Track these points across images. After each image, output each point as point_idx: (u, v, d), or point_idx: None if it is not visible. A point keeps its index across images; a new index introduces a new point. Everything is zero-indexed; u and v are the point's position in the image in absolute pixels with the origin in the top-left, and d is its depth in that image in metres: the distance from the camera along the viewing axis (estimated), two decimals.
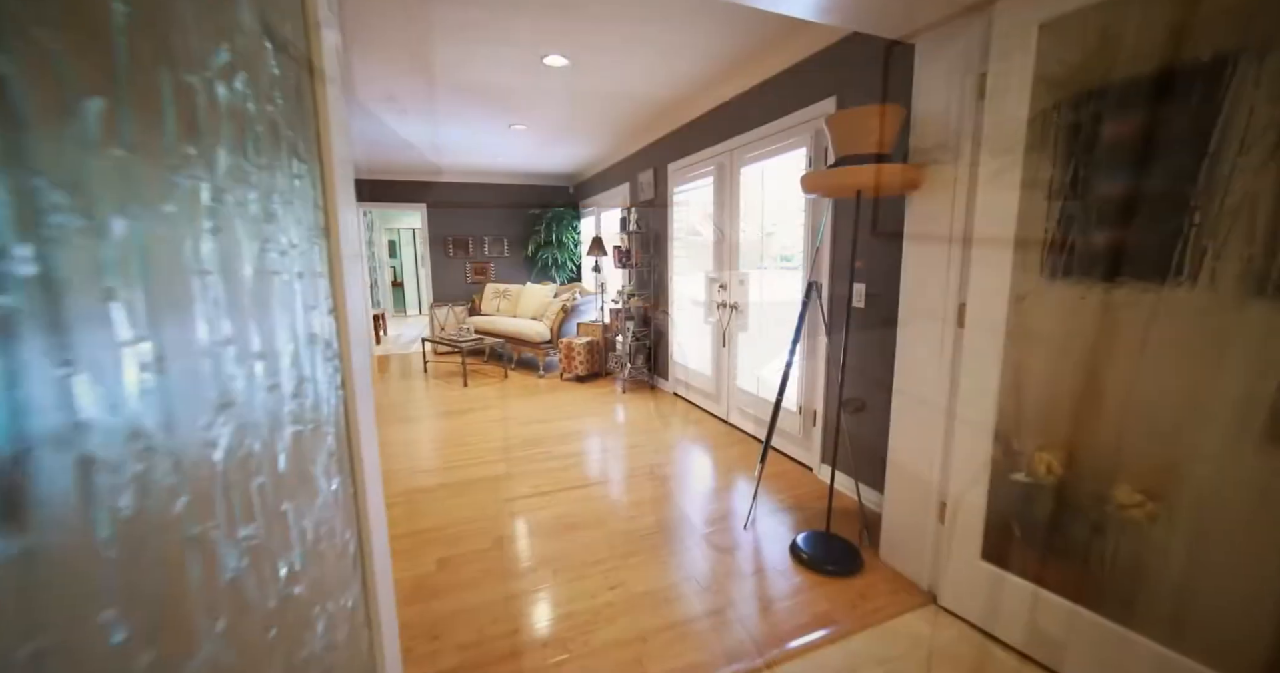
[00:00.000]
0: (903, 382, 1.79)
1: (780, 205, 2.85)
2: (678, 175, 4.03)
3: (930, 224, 1.65)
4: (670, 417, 3.80)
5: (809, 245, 2.63)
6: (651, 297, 4.63)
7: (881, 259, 2.23)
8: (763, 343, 3.06)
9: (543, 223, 6.48)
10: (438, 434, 3.49)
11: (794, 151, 2.70)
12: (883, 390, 2.21)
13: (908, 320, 1.76)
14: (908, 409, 1.78)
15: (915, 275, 1.72)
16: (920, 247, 1.69)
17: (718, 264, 3.53)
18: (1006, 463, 1.41)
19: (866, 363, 2.35)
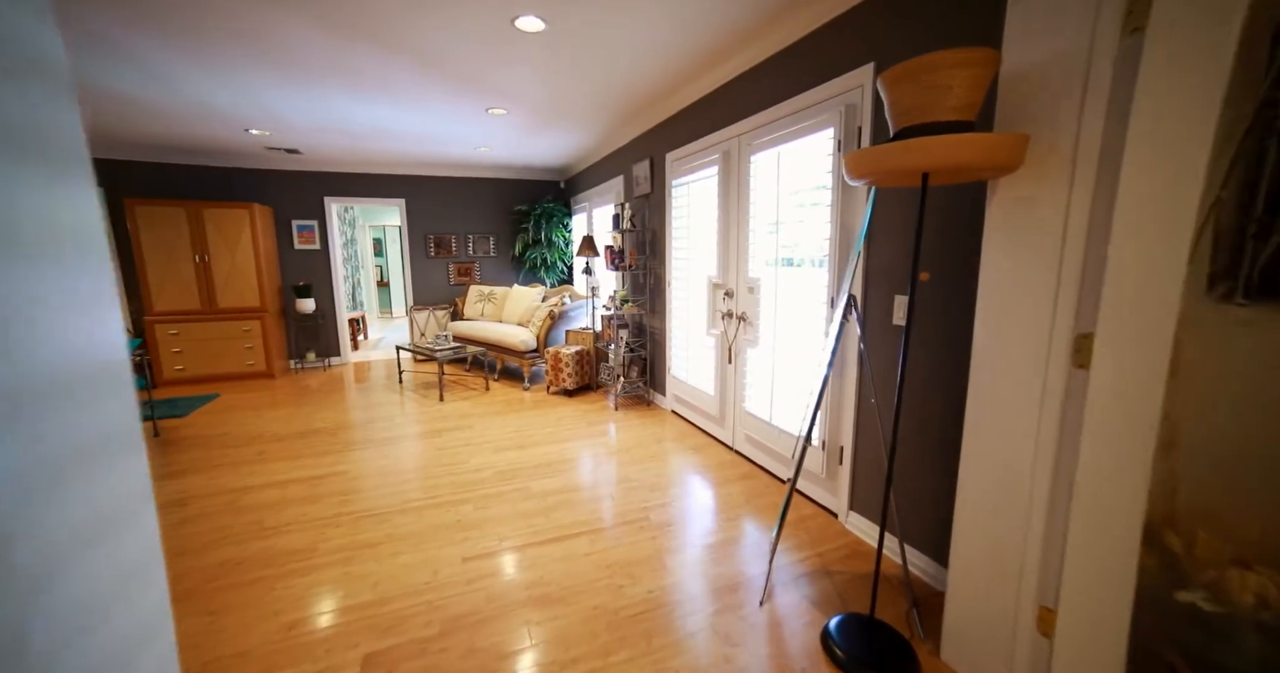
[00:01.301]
0: (979, 437, 1.33)
1: (799, 199, 2.38)
2: (677, 166, 3.56)
3: (1029, 220, 1.18)
4: (667, 441, 3.34)
5: (835, 246, 2.16)
6: (647, 303, 4.17)
7: (936, 266, 1.76)
8: (777, 362, 2.60)
9: (531, 220, 6.01)
10: (399, 462, 3.03)
11: (817, 134, 2.24)
12: (933, 429, 1.74)
13: (987, 354, 1.30)
14: (985, 471, 1.32)
15: (1001, 292, 1.26)
16: (1011, 252, 1.23)
17: (723, 268, 3.06)
18: (1167, 574, 0.95)
19: (909, 395, 1.89)
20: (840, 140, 2.07)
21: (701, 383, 3.42)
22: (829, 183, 2.17)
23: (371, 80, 3.11)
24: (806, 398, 2.38)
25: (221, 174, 5.30)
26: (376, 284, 10.16)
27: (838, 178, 2.11)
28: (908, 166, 1.17)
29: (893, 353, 1.97)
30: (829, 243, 2.20)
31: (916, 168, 1.17)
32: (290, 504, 2.53)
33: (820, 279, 2.28)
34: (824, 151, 2.19)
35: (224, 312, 5.06)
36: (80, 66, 2.90)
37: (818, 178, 2.25)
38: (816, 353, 2.31)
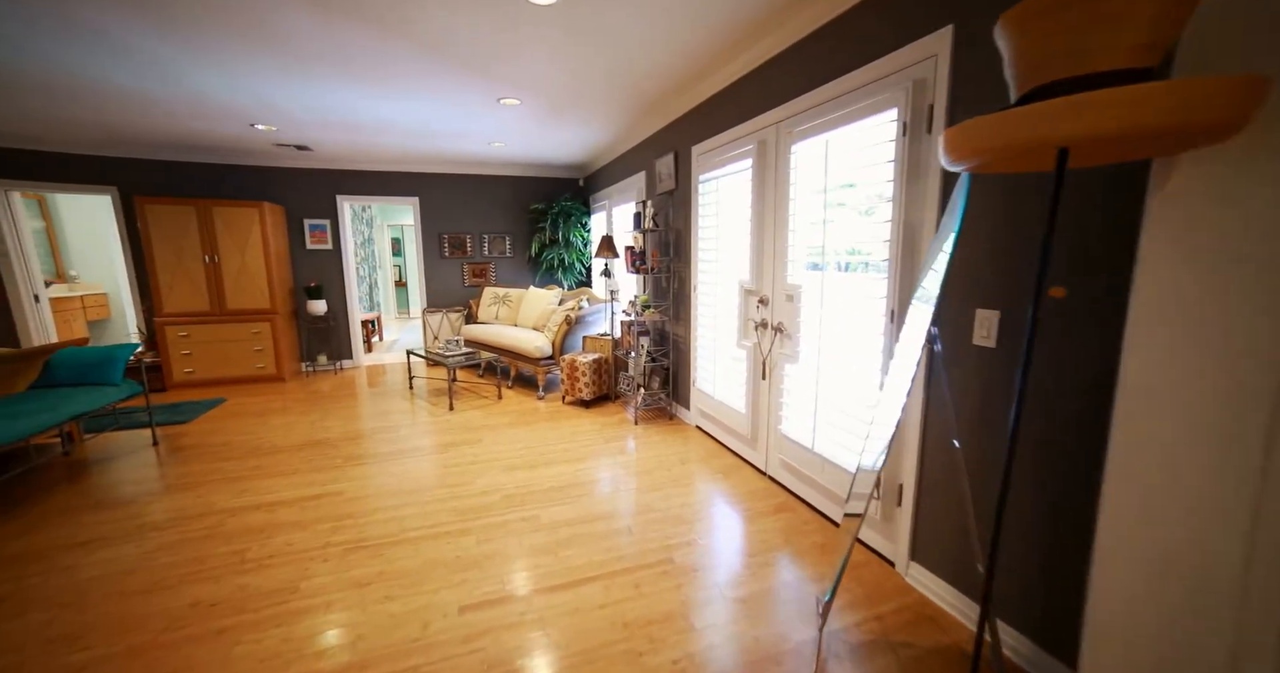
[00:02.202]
0: (1129, 507, 0.99)
1: (852, 194, 2.05)
2: (704, 160, 3.24)
3: (1233, 216, 0.84)
4: (692, 463, 3.03)
5: (896, 249, 1.82)
6: (670, 309, 3.86)
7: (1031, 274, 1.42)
8: (821, 381, 2.26)
9: (548, 220, 5.76)
10: (400, 482, 2.78)
11: (874, 117, 1.90)
12: (1041, 480, 1.40)
13: (1146, 397, 0.96)
14: (1142, 559, 0.98)
15: (1176, 315, 0.92)
16: (1196, 261, 0.89)
17: (756, 272, 2.74)
18: None
19: (992, 435, 1.55)
20: (906, 122, 1.74)
21: (730, 399, 3.09)
22: (890, 174, 1.83)
23: (373, 69, 2.87)
24: (858, 425, 2.04)
25: (232, 172, 5.17)
26: (394, 284, 10.07)
27: (903, 167, 1.78)
28: (1048, 138, 0.84)
29: (971, 380, 1.63)
30: (888, 245, 1.86)
31: (1062, 139, 0.84)
32: (278, 531, 2.30)
33: (876, 287, 1.95)
34: (884, 137, 1.86)
35: (233, 313, 4.93)
36: (81, 61, 2.73)
37: (875, 168, 1.91)
38: (870, 373, 1.97)
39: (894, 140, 1.80)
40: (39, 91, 3.24)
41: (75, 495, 2.70)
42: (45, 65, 2.81)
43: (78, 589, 1.90)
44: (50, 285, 5.76)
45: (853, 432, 2.07)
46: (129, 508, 2.55)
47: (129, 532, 2.32)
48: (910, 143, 1.73)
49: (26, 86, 3.14)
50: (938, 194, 1.66)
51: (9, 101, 3.42)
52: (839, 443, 2.18)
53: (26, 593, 1.89)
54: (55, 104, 3.50)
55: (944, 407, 1.71)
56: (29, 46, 2.57)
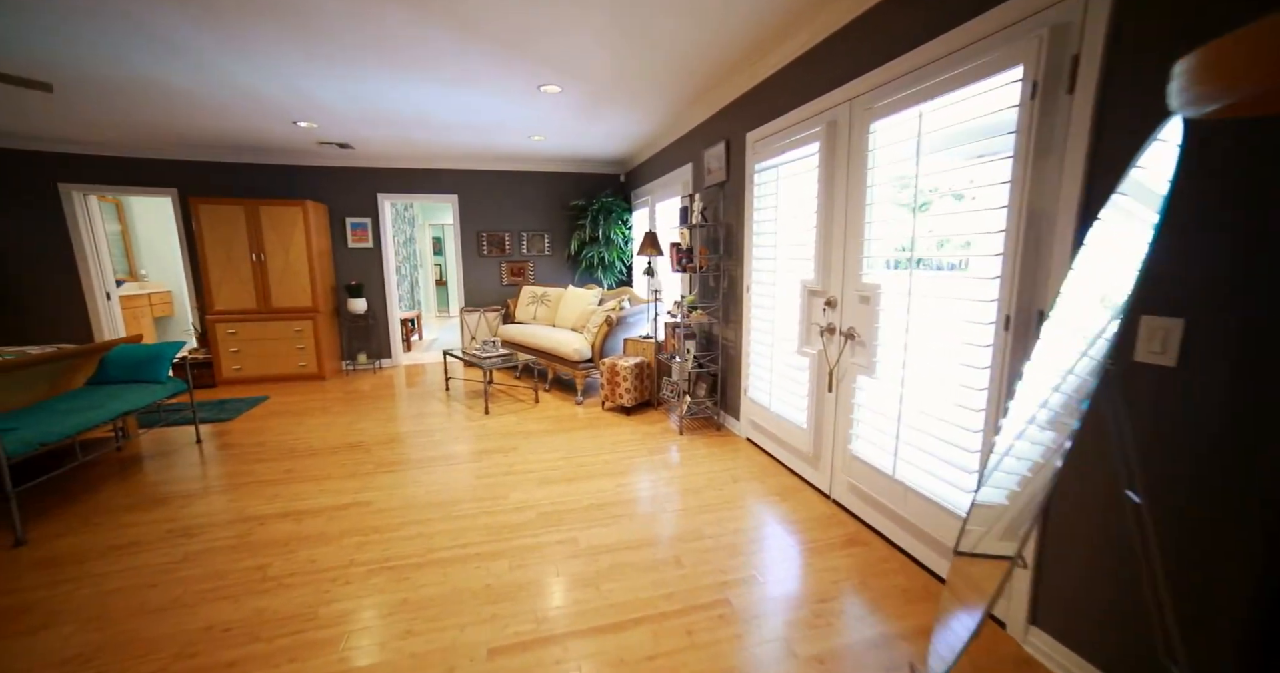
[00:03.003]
0: None
1: (949, 176, 1.71)
2: (761, 148, 2.94)
3: None
4: (744, 481, 2.74)
5: (1016, 241, 1.48)
6: (720, 310, 3.57)
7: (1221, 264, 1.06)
8: (906, 397, 1.93)
9: (588, 216, 5.56)
10: (430, 493, 2.62)
11: (987, 80, 1.56)
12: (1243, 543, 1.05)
13: None
14: None
15: None
16: None
17: (822, 271, 2.42)
18: None
19: (1154, 481, 1.19)
20: (1037, 82, 1.39)
21: (788, 411, 2.78)
22: (1008, 147, 1.49)
23: (411, 55, 2.73)
24: (955, 452, 1.70)
25: (279, 172, 5.23)
26: (435, 283, 10.18)
27: (1027, 139, 1.43)
28: None
29: (1136, 405, 1.27)
30: (1003, 237, 1.52)
31: None
32: (302, 545, 2.17)
33: (981, 289, 1.61)
34: (1000, 103, 1.52)
35: (277, 311, 4.97)
36: (137, 61, 2.71)
37: (985, 144, 1.57)
38: (974, 391, 1.63)
39: (1016, 107, 1.45)
40: (104, 95, 3.28)
41: (119, 494, 2.68)
42: (110, 68, 2.81)
43: (101, 603, 1.81)
44: (122, 284, 6.04)
45: (949, 460, 1.73)
46: (164, 510, 2.49)
47: (161, 537, 2.25)
48: (1040, 108, 1.39)
49: (93, 92, 3.18)
50: (1081, 171, 1.31)
51: (80, 108, 3.49)
52: (927, 470, 1.84)
53: (56, 603, 1.81)
54: (118, 108, 3.55)
55: (1102, 441, 1.36)
56: (100, 50, 2.56)
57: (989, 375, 1.56)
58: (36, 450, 2.31)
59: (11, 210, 4.74)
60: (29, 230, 4.79)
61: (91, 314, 5.07)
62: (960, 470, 1.67)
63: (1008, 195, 1.48)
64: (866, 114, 2.05)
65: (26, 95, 3.37)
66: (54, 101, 3.47)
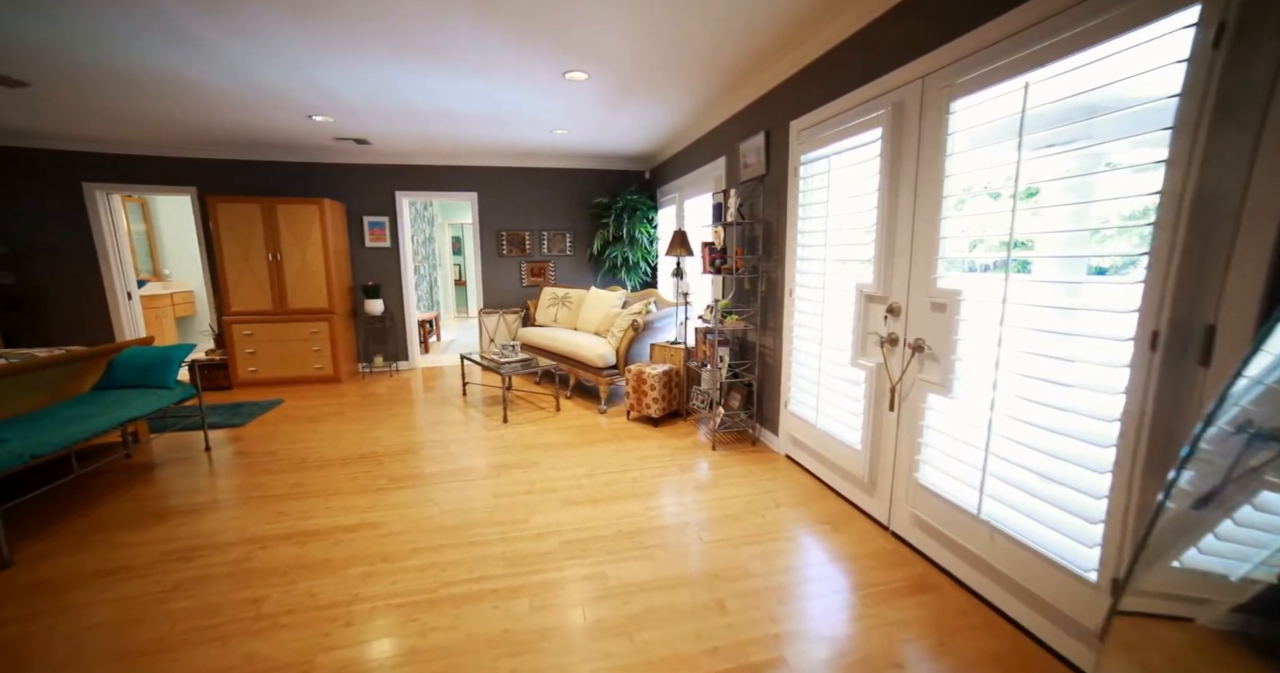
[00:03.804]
0: None
1: (1062, 158, 1.42)
2: (808, 137, 2.66)
3: None
4: (787, 506, 2.46)
5: (1177, 232, 1.18)
6: (757, 316, 3.29)
7: None
8: (995, 422, 1.64)
9: (611, 215, 5.33)
10: (444, 513, 2.41)
11: (1132, 33, 1.26)
12: None
13: None
14: None
15: None
16: None
17: (883, 273, 2.13)
18: None
19: None
20: (1225, 22, 1.08)
21: (838, 430, 2.50)
22: (1165, 116, 1.18)
23: (428, 40, 2.52)
24: (1077, 498, 1.41)
25: (296, 170, 5.11)
26: (454, 283, 10.07)
27: (1201, 103, 1.12)
28: None
29: None
30: (1152, 232, 1.21)
31: None
32: (304, 574, 1.97)
33: (1121, 296, 1.31)
34: (1160, 57, 1.20)
35: (293, 312, 4.85)
36: (150, 53, 2.56)
37: (1132, 113, 1.27)
38: (1101, 422, 1.34)
39: (1183, 61, 1.15)
40: (120, 88, 3.15)
41: (119, 507, 2.53)
42: (124, 58, 2.67)
43: (77, 644, 1.62)
44: (145, 284, 6.02)
45: (1061, 503, 1.44)
46: (163, 527, 2.33)
47: (154, 560, 2.07)
48: (1227, 59, 1.08)
49: (108, 82, 3.05)
50: None
51: (96, 101, 3.38)
52: (1027, 512, 1.54)
53: (28, 642, 1.63)
54: (135, 101, 3.43)
55: None
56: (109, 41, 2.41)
57: (1125, 405, 1.26)
58: (27, 463, 2.15)
59: (37, 209, 4.70)
60: (54, 229, 4.76)
61: (112, 314, 5.02)
62: (1079, 518, 1.37)
63: (1162, 178, 1.18)
64: (945, 92, 1.77)
65: (48, 94, 3.26)
66: (70, 99, 3.37)
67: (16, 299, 4.79)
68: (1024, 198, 1.52)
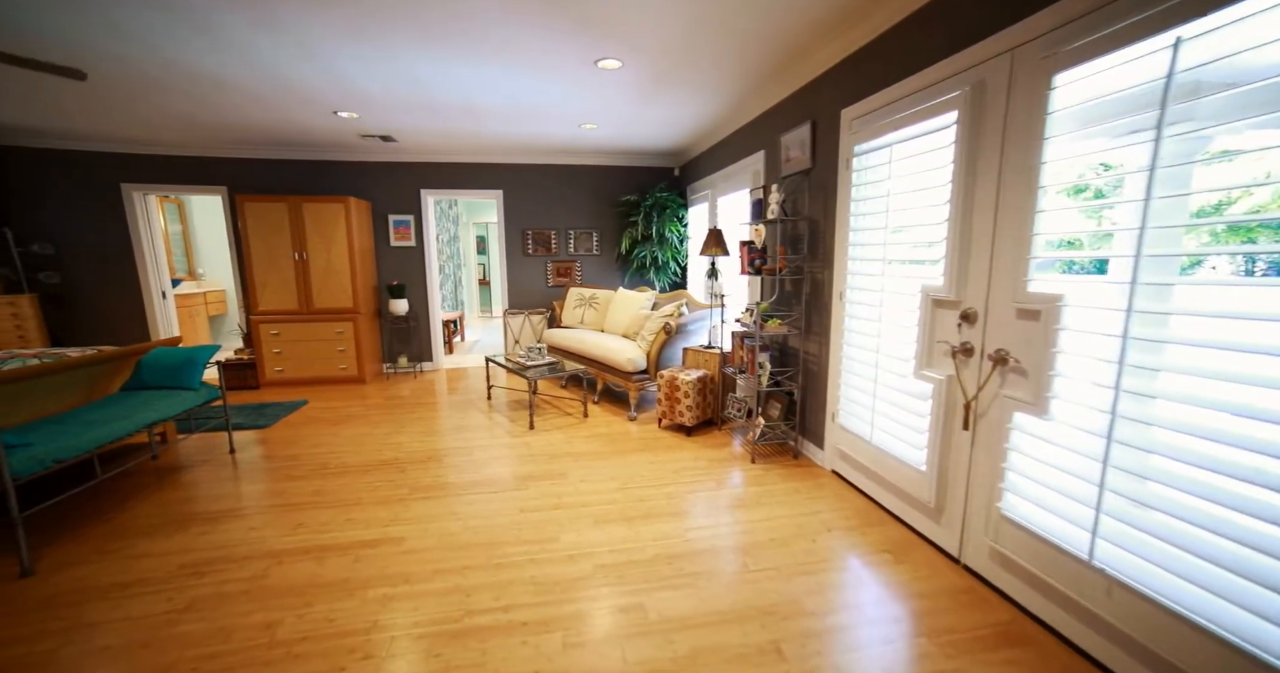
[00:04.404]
0: None
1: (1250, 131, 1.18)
2: (862, 126, 2.43)
3: None
4: (839, 530, 2.24)
5: None
6: (802, 320, 3.07)
7: None
8: (1115, 450, 1.40)
9: (640, 213, 5.15)
10: (468, 529, 2.26)
11: None
12: None
13: None
14: None
15: None
16: None
17: (956, 275, 1.90)
18: None
19: None
20: None
21: (897, 447, 2.26)
22: None
23: (454, 27, 2.37)
24: (1253, 558, 1.16)
25: (323, 168, 5.07)
26: (479, 282, 10.04)
27: None
28: None
29: None
30: None
31: None
32: (320, 596, 1.84)
33: None
34: None
35: (319, 312, 4.80)
36: (159, 42, 2.49)
37: None
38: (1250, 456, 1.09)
39: None
40: (154, 87, 3.11)
41: (142, 513, 2.46)
42: (155, 54, 2.60)
43: (82, 670, 1.52)
44: (180, 283, 6.10)
45: (1228, 562, 1.18)
46: (182, 537, 2.24)
47: (170, 574, 1.98)
48: None
49: (142, 81, 3.01)
50: None
51: (126, 102, 3.35)
52: (1173, 569, 1.29)
53: (33, 665, 1.54)
54: (169, 101, 3.40)
55: None
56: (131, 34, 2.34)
57: None
58: (49, 469, 2.08)
59: (79, 210, 4.77)
60: (94, 230, 4.82)
61: (147, 313, 5.06)
62: (1258, 584, 1.11)
63: None
64: (1046, 64, 1.53)
65: (83, 95, 3.25)
66: (98, 98, 3.35)
67: (62, 298, 4.87)
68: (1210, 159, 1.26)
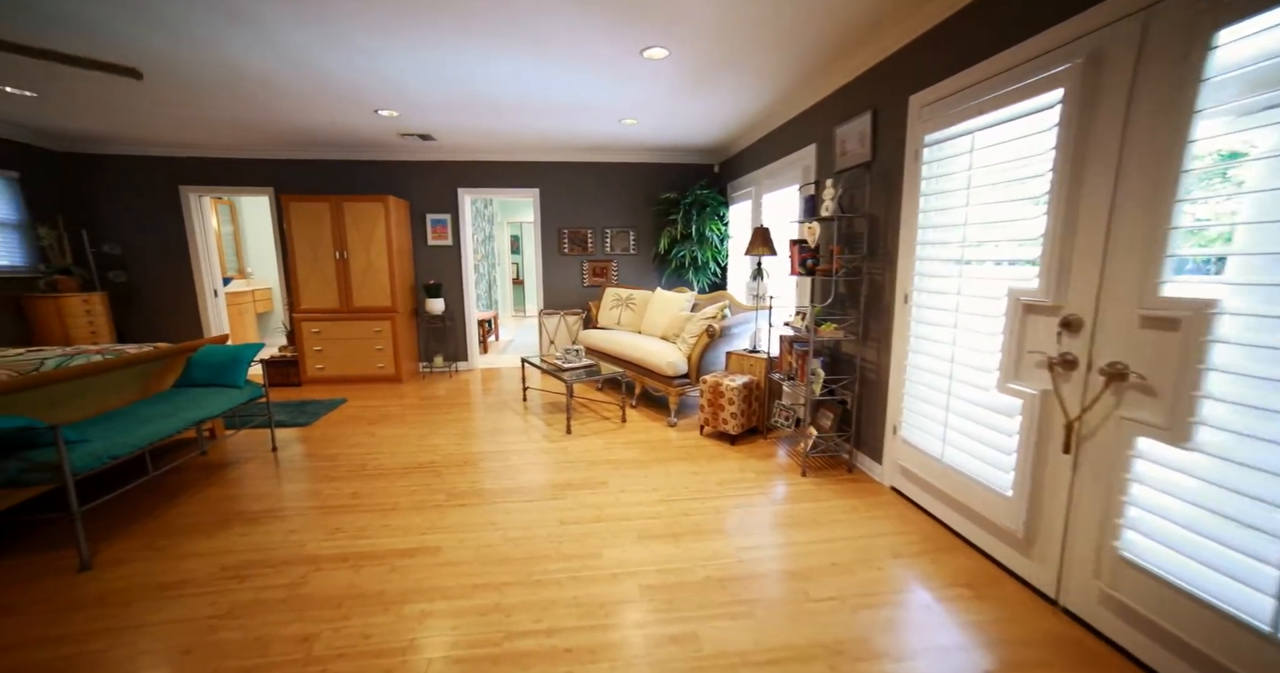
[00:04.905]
0: None
1: None
2: (934, 113, 2.21)
3: None
4: (911, 557, 2.03)
5: None
6: (859, 324, 2.85)
7: None
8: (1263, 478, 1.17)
9: (680, 211, 4.99)
10: (507, 541, 2.16)
11: None
12: None
13: None
14: None
15: None
16: None
17: (1054, 275, 1.67)
18: None
19: None
20: None
21: (975, 467, 2.04)
22: None
23: (496, 15, 2.28)
24: None
25: (362, 168, 5.12)
26: (512, 282, 10.08)
27: None
28: None
29: None
30: None
31: None
32: (357, 608, 1.76)
33: None
34: None
35: (358, 311, 4.84)
36: (209, 39, 2.49)
37: None
38: None
39: None
40: (205, 88, 3.15)
41: (189, 510, 2.48)
42: (200, 51, 2.62)
43: None
44: (230, 281, 6.30)
45: None
46: (224, 537, 2.22)
47: (212, 576, 1.95)
48: None
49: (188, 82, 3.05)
50: None
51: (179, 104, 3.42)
52: None
53: (81, 667, 1.51)
54: (220, 103, 3.45)
55: None
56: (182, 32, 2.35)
57: None
58: (105, 465, 2.10)
59: (141, 214, 4.97)
60: (154, 231, 5.01)
61: (200, 310, 5.23)
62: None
63: None
64: (1204, 18, 1.28)
65: (142, 99, 3.33)
66: (155, 101, 3.42)
67: (127, 296, 5.09)
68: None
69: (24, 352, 2.99)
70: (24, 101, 3.61)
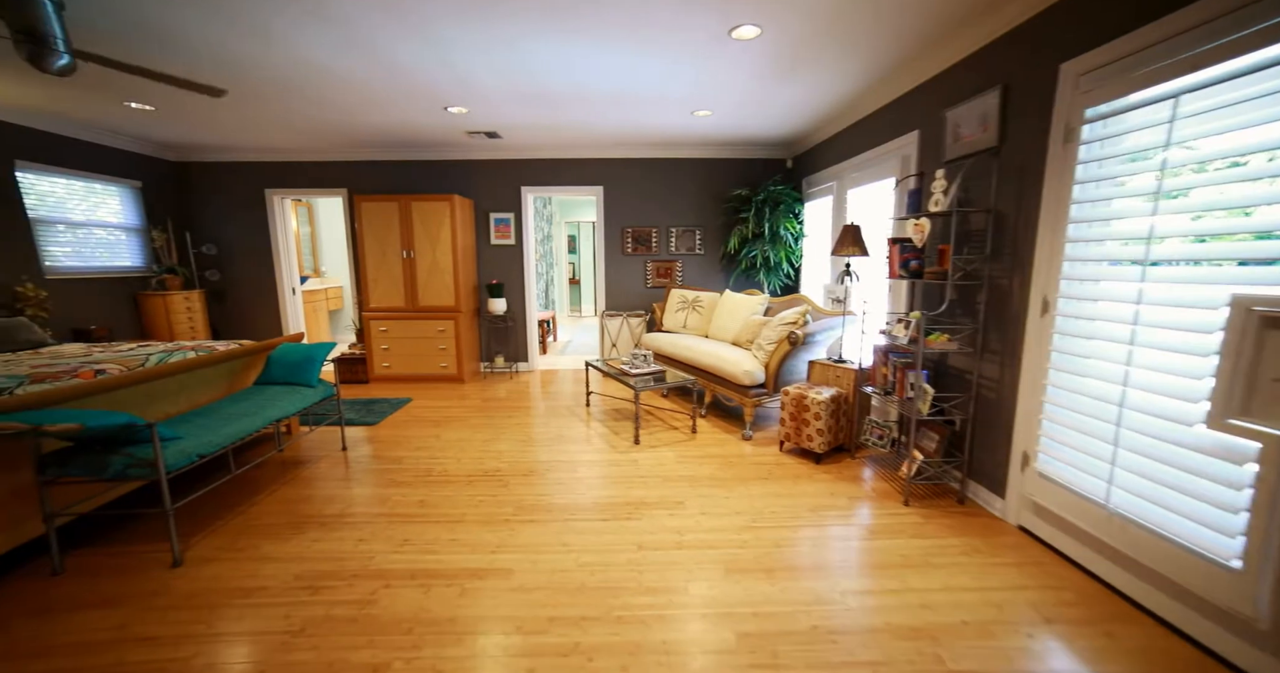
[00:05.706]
0: None
1: None
2: (1101, 81, 1.84)
3: None
4: (1067, 624, 1.67)
5: None
6: (977, 336, 2.48)
7: None
8: None
9: (751, 209, 4.69)
10: (580, 567, 1.97)
11: None
12: None
13: None
14: None
15: None
16: None
17: None
18: None
19: None
20: None
21: (1170, 522, 1.65)
22: None
23: None
24: None
25: (429, 168, 5.14)
26: (569, 282, 10.06)
27: None
28: None
29: None
30: None
31: None
32: (428, 635, 1.62)
33: None
34: None
35: (423, 310, 4.86)
36: (296, 41, 2.47)
37: None
38: None
39: None
40: (283, 91, 3.19)
41: (268, 509, 2.48)
42: (285, 51, 2.62)
43: None
44: (307, 280, 6.57)
45: None
46: (299, 541, 2.18)
47: (286, 585, 1.88)
48: None
49: (271, 84, 3.09)
50: None
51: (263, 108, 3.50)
52: None
53: None
54: (296, 106, 3.50)
55: None
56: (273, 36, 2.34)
57: None
58: (194, 463, 2.10)
59: (234, 216, 5.25)
60: (244, 233, 5.27)
61: (280, 308, 5.45)
62: None
63: None
64: None
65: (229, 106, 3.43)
66: (243, 107, 3.51)
67: (220, 294, 5.40)
68: None
69: (134, 347, 3.12)
70: (145, 116, 3.83)
